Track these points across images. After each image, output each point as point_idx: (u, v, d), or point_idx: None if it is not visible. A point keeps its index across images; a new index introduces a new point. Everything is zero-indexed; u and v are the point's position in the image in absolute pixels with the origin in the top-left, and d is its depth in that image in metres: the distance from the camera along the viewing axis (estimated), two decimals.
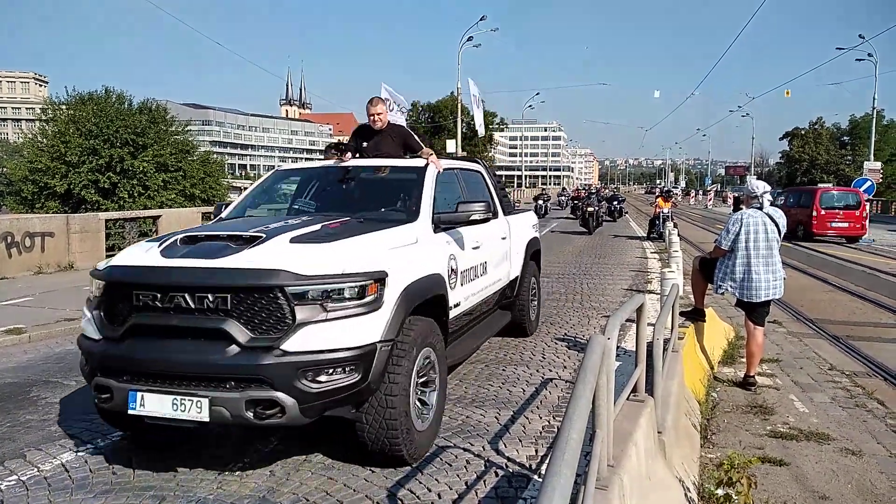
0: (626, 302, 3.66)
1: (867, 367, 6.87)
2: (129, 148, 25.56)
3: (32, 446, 4.52)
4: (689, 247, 17.69)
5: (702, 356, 6.55)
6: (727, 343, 7.48)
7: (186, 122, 31.50)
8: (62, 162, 25.19)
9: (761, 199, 6.14)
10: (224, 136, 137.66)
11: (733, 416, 5.40)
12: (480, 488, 3.87)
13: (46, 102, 32.17)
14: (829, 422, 5.27)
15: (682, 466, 4.02)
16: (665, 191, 27.32)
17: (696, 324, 6.66)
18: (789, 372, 6.63)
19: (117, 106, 27.51)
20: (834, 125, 75.67)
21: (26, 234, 12.09)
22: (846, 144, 73.30)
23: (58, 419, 5.05)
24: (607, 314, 8.78)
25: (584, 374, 2.19)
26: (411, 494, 3.79)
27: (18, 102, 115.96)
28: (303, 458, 4.29)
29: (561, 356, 6.83)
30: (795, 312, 9.51)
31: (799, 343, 7.83)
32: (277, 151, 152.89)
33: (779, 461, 4.48)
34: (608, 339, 2.62)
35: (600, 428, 2.56)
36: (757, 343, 6.15)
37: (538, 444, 4.54)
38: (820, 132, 73.77)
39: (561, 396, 5.54)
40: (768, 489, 4.07)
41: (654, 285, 11.15)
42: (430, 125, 56.03)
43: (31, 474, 4.08)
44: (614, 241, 20.75)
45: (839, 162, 70.31)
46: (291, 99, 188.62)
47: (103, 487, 3.90)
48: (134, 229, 14.63)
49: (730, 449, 4.45)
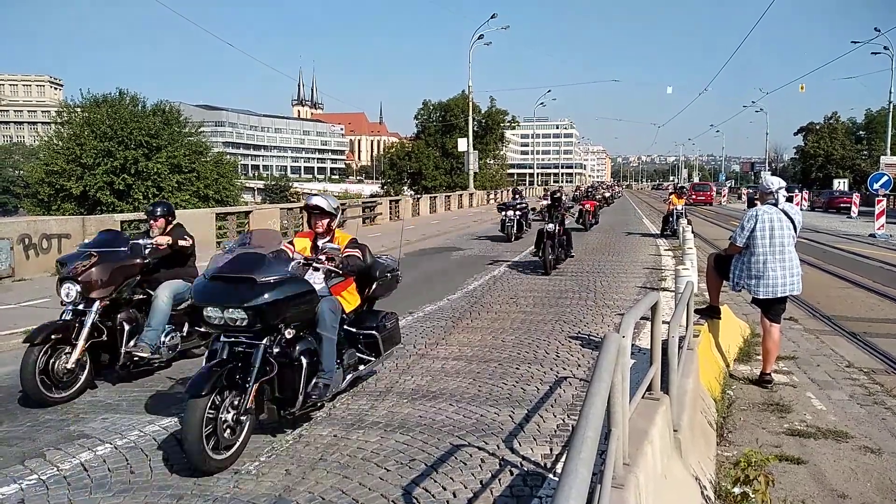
0: (641, 300, 3.64)
1: (886, 364, 6.79)
2: (143, 150, 25.82)
3: (52, 446, 4.58)
4: (704, 244, 17.57)
5: (717, 354, 6.50)
6: (743, 340, 7.43)
7: (199, 124, 31.80)
8: (77, 164, 25.50)
9: (776, 195, 6.09)
10: (237, 136, 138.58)
11: (750, 414, 5.36)
12: (496, 487, 3.87)
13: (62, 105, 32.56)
14: (848, 419, 5.21)
15: (699, 465, 3.99)
16: (679, 187, 26.97)
17: (711, 321, 6.62)
18: (806, 369, 6.57)
19: (131, 108, 27.82)
20: (849, 120, 74.94)
21: (43, 236, 12.23)
22: (862, 139, 72.41)
23: (76, 419, 5.11)
24: (622, 312, 8.74)
25: (599, 372, 2.19)
26: (426, 493, 3.80)
27: (34, 106, 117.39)
28: (318, 457, 4.31)
29: (575, 354, 6.81)
30: (812, 309, 9.42)
31: (816, 340, 7.76)
32: (290, 152, 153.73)
33: (796, 459, 4.44)
34: (623, 337, 2.61)
35: (616, 426, 2.55)
36: (773, 340, 6.10)
37: (553, 442, 4.53)
38: (835, 127, 72.94)
39: (575, 395, 5.52)
40: (786, 487, 4.04)
41: (668, 283, 11.08)
42: (442, 124, 56.00)
43: (51, 473, 4.13)
44: (627, 238, 20.65)
45: (855, 157, 69.50)
46: (303, 99, 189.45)
47: (122, 486, 3.94)
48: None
49: (746, 447, 4.41)
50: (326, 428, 4.81)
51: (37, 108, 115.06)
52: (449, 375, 6.13)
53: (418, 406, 5.29)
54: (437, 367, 6.42)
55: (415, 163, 55.68)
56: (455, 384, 5.86)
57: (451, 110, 55.17)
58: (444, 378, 6.04)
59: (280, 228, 19.92)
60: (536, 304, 9.62)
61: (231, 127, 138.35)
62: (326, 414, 5.11)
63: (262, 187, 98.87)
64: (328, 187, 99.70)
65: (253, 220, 18.65)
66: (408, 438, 4.61)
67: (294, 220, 21.08)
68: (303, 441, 4.59)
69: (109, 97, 28.21)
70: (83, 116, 27.18)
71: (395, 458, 4.28)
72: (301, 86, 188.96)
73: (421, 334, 7.79)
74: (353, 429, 4.79)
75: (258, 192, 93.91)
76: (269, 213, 19.96)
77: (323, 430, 4.76)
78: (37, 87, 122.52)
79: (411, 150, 57.92)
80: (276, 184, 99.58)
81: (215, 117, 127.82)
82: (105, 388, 5.83)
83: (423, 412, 5.15)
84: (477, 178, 47.70)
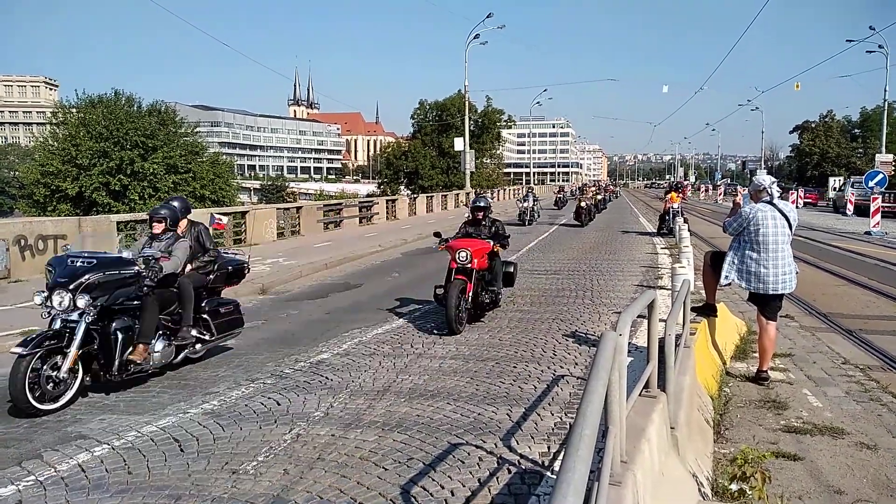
0: (638, 298, 3.65)
1: (881, 361, 6.81)
2: (139, 150, 25.76)
3: (49, 447, 4.57)
4: (700, 242, 17.60)
5: (714, 352, 6.52)
6: (739, 338, 7.45)
7: (195, 124, 31.73)
8: (73, 165, 25.42)
9: (770, 190, 6.10)
10: (233, 137, 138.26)
11: (746, 411, 5.37)
12: (493, 485, 3.88)
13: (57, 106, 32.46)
14: (844, 416, 5.23)
15: (696, 462, 4.00)
16: (675, 185, 26.92)
17: (707, 319, 6.63)
18: (802, 366, 6.59)
19: (127, 108, 27.76)
20: (845, 118, 75.10)
21: (39, 237, 12.20)
22: (857, 137, 72.61)
23: (73, 420, 5.10)
24: (618, 310, 8.76)
25: (596, 370, 2.19)
26: (424, 492, 3.80)
27: (29, 106, 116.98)
28: (316, 457, 4.31)
29: (572, 353, 6.83)
30: (808, 306, 9.45)
31: (812, 337, 7.78)
32: (286, 152, 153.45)
33: (793, 456, 4.45)
34: (620, 336, 2.61)
35: (613, 424, 2.56)
36: (769, 338, 6.12)
37: (550, 440, 4.54)
38: (830, 125, 73.13)
39: (573, 393, 5.53)
40: (782, 484, 4.05)
41: (664, 281, 11.11)
42: (438, 123, 55.92)
43: (49, 474, 4.12)
44: (624, 237, 20.68)
45: (850, 155, 69.70)
46: (299, 99, 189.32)
47: (119, 487, 3.94)
48: (145, 231, 14.71)
49: (743, 444, 4.43)
50: (324, 427, 4.82)
51: (32, 109, 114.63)
52: (446, 374, 6.13)
53: (416, 405, 5.29)
54: (434, 366, 6.43)
55: (411, 162, 55.61)
56: (453, 383, 5.86)
57: (447, 110, 55.12)
58: (442, 377, 6.05)
59: (277, 228, 19.90)
60: (534, 302, 9.63)
61: (227, 127, 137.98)
62: (324, 413, 5.12)
63: (258, 187, 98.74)
64: (325, 187, 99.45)
65: (250, 220, 18.62)
66: (406, 437, 4.61)
67: (291, 221, 21.04)
68: (300, 440, 4.59)
69: (105, 98, 28.15)
70: (79, 117, 27.10)
71: (393, 457, 4.28)
72: (297, 86, 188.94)
73: (418, 334, 7.79)
74: (351, 428, 4.79)
75: (254, 193, 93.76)
76: (265, 213, 19.92)
77: (321, 430, 4.77)
78: (32, 88, 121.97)
79: (408, 150, 57.82)
80: (273, 184, 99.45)
81: (211, 117, 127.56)
82: (102, 389, 5.82)
83: (420, 411, 5.15)
84: (473, 177, 47.70)
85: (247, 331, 7.44)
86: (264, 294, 11.07)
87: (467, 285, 7.82)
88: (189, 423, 4.98)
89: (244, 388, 5.84)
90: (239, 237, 18.06)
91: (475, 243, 8.16)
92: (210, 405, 5.38)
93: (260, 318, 8.84)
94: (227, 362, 6.74)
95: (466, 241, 8.23)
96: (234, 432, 4.76)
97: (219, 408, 5.33)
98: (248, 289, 10.89)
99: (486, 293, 8.28)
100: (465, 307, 7.84)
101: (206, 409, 5.28)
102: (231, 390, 5.77)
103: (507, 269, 8.90)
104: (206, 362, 6.75)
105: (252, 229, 18.47)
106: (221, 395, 5.63)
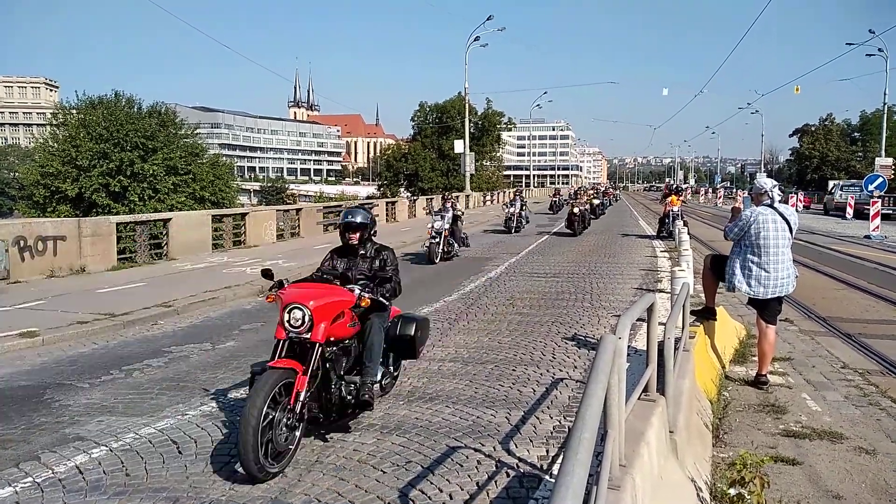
0: (637, 301, 3.64)
1: (880, 366, 6.81)
2: (139, 151, 25.73)
3: (47, 448, 4.56)
4: (700, 245, 17.60)
5: (713, 355, 6.51)
6: (739, 342, 7.44)
7: (195, 126, 31.67)
8: (73, 166, 25.39)
9: (771, 194, 6.11)
10: (233, 138, 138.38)
11: (745, 416, 5.37)
12: (492, 489, 3.87)
13: (57, 107, 32.47)
14: (843, 420, 5.22)
15: (694, 466, 4.00)
16: (675, 188, 26.83)
17: (707, 323, 6.62)
18: (802, 370, 6.59)
19: (127, 110, 27.74)
20: (844, 121, 75.15)
21: (39, 238, 12.18)
22: (857, 140, 72.67)
23: (71, 421, 5.09)
24: (618, 314, 8.76)
25: (595, 373, 2.19)
26: (423, 495, 3.79)
27: (30, 107, 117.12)
28: (314, 459, 4.30)
29: (571, 356, 6.82)
30: (807, 310, 9.44)
31: (811, 341, 7.77)
32: (286, 153, 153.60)
33: (792, 460, 4.45)
34: (619, 339, 2.61)
35: (612, 428, 2.56)
36: (769, 341, 6.11)
37: (549, 444, 4.53)
38: (830, 128, 73.21)
39: (572, 396, 5.53)
40: (781, 488, 4.04)
41: (664, 284, 11.10)
42: (438, 125, 55.95)
43: (46, 476, 4.11)
44: (623, 240, 20.68)
45: (850, 158, 69.74)
46: (299, 101, 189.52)
47: (117, 489, 3.93)
48: (145, 232, 14.71)
49: (742, 448, 4.42)
50: (322, 430, 4.80)
51: (32, 110, 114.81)
52: (445, 377, 6.13)
53: (415, 408, 5.29)
54: (433, 368, 6.42)
55: (411, 164, 55.61)
56: (451, 386, 5.86)
57: (447, 112, 55.14)
58: (441, 380, 6.04)
59: (276, 230, 19.89)
60: (533, 305, 9.62)
61: (227, 129, 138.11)
62: None
63: (258, 189, 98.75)
64: (325, 189, 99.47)
65: (249, 222, 18.61)
66: (404, 440, 4.61)
67: (290, 222, 21.03)
68: (298, 443, 4.57)
69: (105, 99, 28.13)
70: (78, 118, 27.07)
71: (392, 461, 4.27)
72: (297, 88, 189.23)
73: None
74: (350, 431, 4.78)
75: (254, 194, 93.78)
76: (265, 215, 19.92)
77: (319, 433, 4.75)
78: (32, 89, 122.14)
79: (408, 152, 57.83)
80: (273, 185, 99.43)
81: (211, 119, 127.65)
82: (101, 389, 5.81)
83: (419, 414, 5.14)
84: (473, 179, 47.71)
85: (246, 332, 7.44)
86: (263, 295, 11.05)
87: (296, 378, 4.20)
88: (187, 425, 4.97)
89: (243, 390, 5.83)
90: (238, 239, 18.07)
91: (324, 293, 4.59)
92: (208, 407, 5.37)
93: (259, 320, 8.83)
94: (225, 364, 6.73)
95: (310, 289, 4.62)
96: (232, 435, 4.75)
97: (217, 410, 5.32)
98: (246, 290, 10.90)
99: (345, 385, 4.61)
100: (280, 433, 4.07)
101: (204, 412, 5.27)
102: (230, 392, 5.76)
103: (403, 331, 5.25)
104: (206, 364, 6.74)
105: (251, 231, 18.50)
106: (220, 398, 5.62)
